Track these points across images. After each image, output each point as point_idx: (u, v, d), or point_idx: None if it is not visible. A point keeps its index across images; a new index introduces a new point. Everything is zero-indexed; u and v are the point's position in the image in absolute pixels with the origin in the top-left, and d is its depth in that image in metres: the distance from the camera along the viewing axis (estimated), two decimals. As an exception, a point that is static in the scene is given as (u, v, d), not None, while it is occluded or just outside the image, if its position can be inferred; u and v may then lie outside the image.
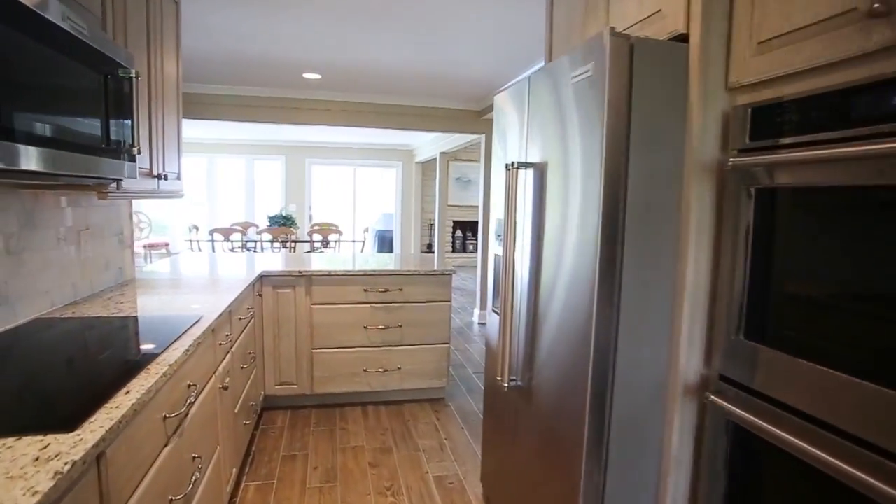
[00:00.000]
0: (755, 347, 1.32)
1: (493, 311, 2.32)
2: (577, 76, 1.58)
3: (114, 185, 1.86)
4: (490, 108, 5.40)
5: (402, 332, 3.48)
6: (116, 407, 1.12)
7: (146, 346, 1.56)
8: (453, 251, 11.01)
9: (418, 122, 5.69)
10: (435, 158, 8.90)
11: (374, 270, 3.37)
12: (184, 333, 1.70)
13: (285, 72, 4.60)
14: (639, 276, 1.53)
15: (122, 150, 1.69)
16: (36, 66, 1.23)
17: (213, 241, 7.07)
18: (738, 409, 1.34)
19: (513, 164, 1.92)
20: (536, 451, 1.87)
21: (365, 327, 3.41)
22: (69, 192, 2.07)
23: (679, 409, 1.52)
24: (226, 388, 2.11)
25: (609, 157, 1.46)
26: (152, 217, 10.19)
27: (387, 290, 3.41)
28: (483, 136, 5.84)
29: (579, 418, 1.57)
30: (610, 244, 1.50)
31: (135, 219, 10.14)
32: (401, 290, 3.43)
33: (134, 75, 1.67)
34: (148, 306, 2.12)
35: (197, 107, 5.22)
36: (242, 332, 2.64)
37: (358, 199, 11.11)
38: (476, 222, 11.33)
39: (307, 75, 4.68)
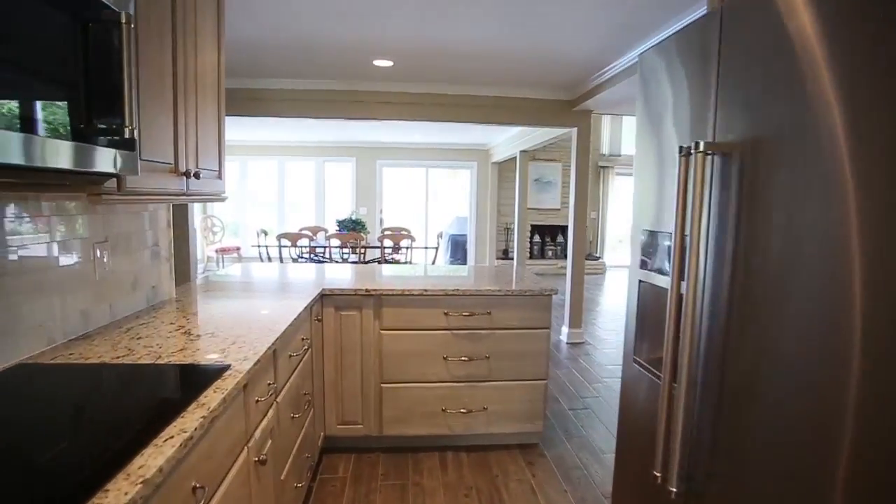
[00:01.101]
0: None
1: (638, 363, 1.63)
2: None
3: (112, 183, 1.33)
4: (586, 96, 4.67)
5: (490, 365, 2.83)
6: None
7: (125, 434, 1.00)
8: (531, 257, 10.25)
9: (500, 115, 5.03)
10: (513, 158, 8.22)
11: (457, 290, 2.74)
12: (194, 402, 1.14)
13: (352, 59, 4.09)
14: None
15: (109, 132, 1.15)
16: None
17: (280, 246, 6.74)
18: None
19: (695, 146, 1.23)
20: None
21: (445, 358, 2.80)
22: (54, 193, 1.58)
23: None
24: (263, 463, 1.54)
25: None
26: (225, 220, 10.15)
27: (472, 314, 2.77)
28: (575, 130, 5.10)
29: None
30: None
31: (208, 222, 10.17)
32: (489, 313, 2.78)
33: (124, 20, 1.13)
34: (169, 344, 1.60)
35: (252, 103, 4.83)
36: (294, 371, 2.08)
37: (430, 202, 10.60)
38: (556, 227, 10.56)
39: (378, 62, 4.14)
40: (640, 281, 1.65)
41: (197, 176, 1.80)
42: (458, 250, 10.61)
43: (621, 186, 12.61)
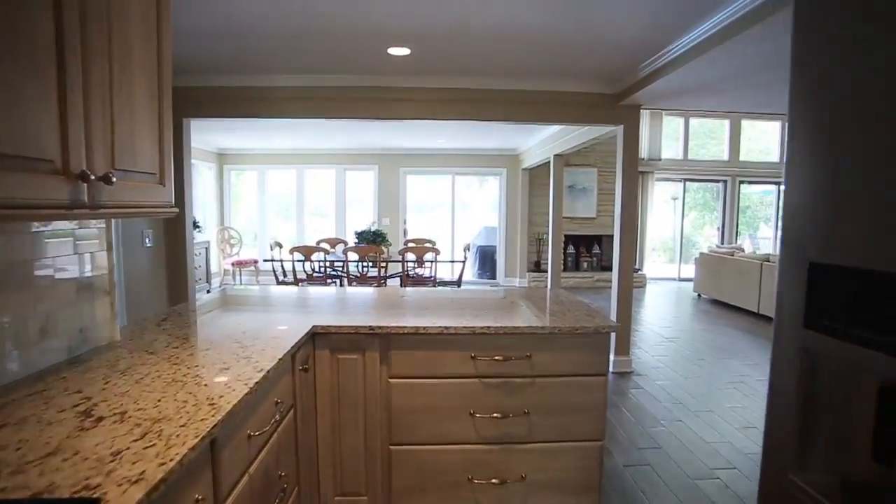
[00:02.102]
0: None
1: (801, 488, 0.99)
2: None
3: None
4: (634, 87, 4.01)
5: (530, 422, 2.19)
6: None
7: None
8: (565, 269, 9.54)
9: (534, 113, 4.41)
10: (545, 163, 7.57)
11: (487, 328, 2.11)
12: None
13: (364, 48, 3.53)
14: None
15: None
16: None
17: (294, 261, 6.22)
18: None
19: None
20: None
21: (471, 414, 2.17)
22: None
23: None
24: None
25: None
26: (243, 232, 9.74)
27: (506, 358, 2.14)
28: (620, 129, 4.44)
29: None
30: None
31: (224, 234, 9.77)
32: (528, 356, 2.15)
33: None
34: (37, 441, 1.02)
35: (253, 104, 4.31)
36: (261, 451, 1.49)
37: (457, 211, 9.98)
38: (591, 237, 9.83)
39: (393, 50, 3.57)
40: (804, 350, 1.01)
41: (107, 180, 1.22)
42: (487, 262, 9.97)
43: (661, 193, 11.83)
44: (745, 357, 5.19)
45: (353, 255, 6.56)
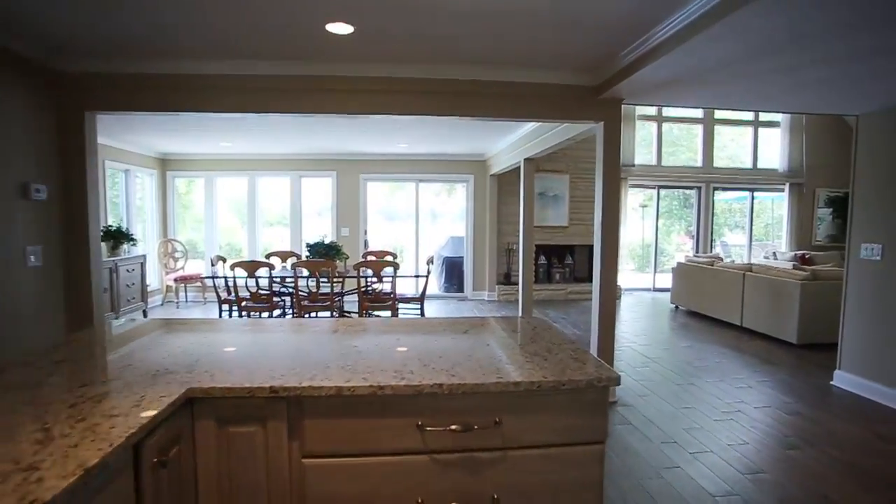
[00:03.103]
0: None
1: None
2: None
3: None
4: (616, 78, 3.49)
5: (501, 512, 1.59)
6: None
7: None
8: (536, 282, 9.03)
9: (502, 108, 3.85)
10: (515, 169, 7.04)
11: (440, 386, 1.51)
12: None
13: (297, 23, 2.91)
14: None
15: None
16: None
17: (234, 277, 5.51)
18: None
19: None
20: None
21: (420, 503, 1.55)
22: None
23: None
24: None
25: None
26: (192, 243, 8.93)
27: (467, 428, 1.53)
28: (600, 126, 3.92)
29: None
30: None
31: (168, 247, 8.94)
32: (497, 422, 1.55)
33: None
34: None
35: (164, 95, 3.63)
36: None
37: (424, 221, 9.38)
38: (563, 247, 9.35)
39: (333, 28, 2.96)
40: None
41: None
42: (454, 275, 9.38)
43: (633, 200, 11.48)
44: (735, 378, 4.71)
45: (302, 271, 5.88)
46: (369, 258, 7.17)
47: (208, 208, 9.05)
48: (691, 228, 11.15)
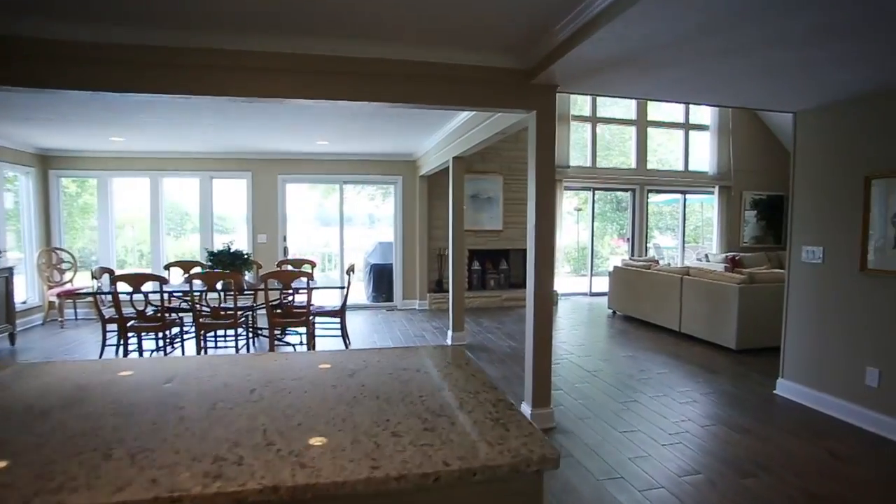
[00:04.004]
0: None
1: None
2: None
3: None
4: (550, 59, 3.03)
5: None
6: None
7: None
8: (469, 288, 8.56)
9: (423, 92, 3.31)
10: (446, 168, 6.53)
11: (275, 489, 0.93)
12: None
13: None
14: None
15: None
16: None
17: (117, 292, 4.67)
18: None
19: None
20: None
21: None
22: None
23: None
24: None
25: None
26: (85, 251, 7.85)
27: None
28: (534, 115, 3.45)
29: None
30: None
31: (52, 256, 7.80)
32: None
33: None
34: None
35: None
36: None
37: (359, 225, 8.71)
38: (498, 252, 8.93)
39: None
40: None
41: None
42: (383, 282, 8.75)
43: (571, 204, 11.29)
44: (679, 393, 4.38)
45: (200, 284, 5.09)
46: (286, 267, 6.44)
47: (103, 213, 7.99)
48: (624, 231, 11.07)
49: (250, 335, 5.65)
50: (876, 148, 3.63)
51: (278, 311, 5.29)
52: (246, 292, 5.54)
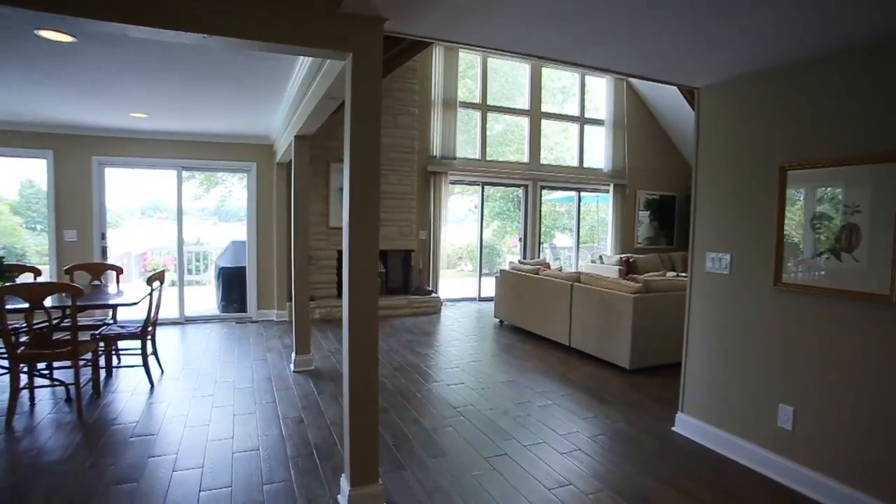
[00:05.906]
0: None
1: None
2: None
3: None
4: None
5: None
6: None
7: None
8: (336, 296, 7.36)
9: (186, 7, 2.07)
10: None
11: None
12: None
13: None
14: None
15: None
16: None
17: None
18: None
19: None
20: None
21: None
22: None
23: None
24: None
25: None
26: None
27: None
28: (349, 60, 2.33)
29: None
30: None
31: None
32: None
33: None
34: None
35: None
36: None
37: (186, 220, 7.18)
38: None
39: None
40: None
41: None
42: (235, 289, 7.31)
43: (464, 200, 10.43)
44: (562, 436, 3.48)
45: None
46: (67, 274, 4.90)
47: None
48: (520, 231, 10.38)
49: None
50: (795, 132, 2.89)
51: (24, 339, 3.78)
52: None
